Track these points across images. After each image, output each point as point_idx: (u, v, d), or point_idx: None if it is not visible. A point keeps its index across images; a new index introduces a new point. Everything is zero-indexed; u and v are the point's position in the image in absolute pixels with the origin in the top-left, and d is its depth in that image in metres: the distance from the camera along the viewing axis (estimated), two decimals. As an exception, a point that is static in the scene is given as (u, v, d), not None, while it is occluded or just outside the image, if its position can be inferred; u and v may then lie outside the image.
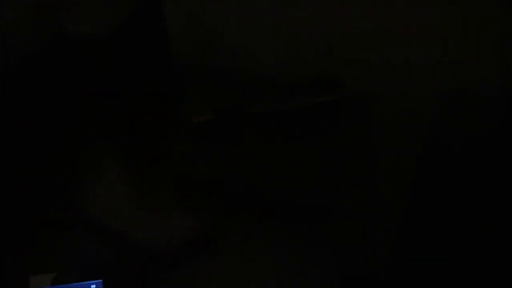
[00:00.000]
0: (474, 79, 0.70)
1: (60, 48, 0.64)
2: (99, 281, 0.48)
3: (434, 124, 0.64)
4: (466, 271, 0.52)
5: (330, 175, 0.61)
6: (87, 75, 0.67)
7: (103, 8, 0.64)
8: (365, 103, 0.68)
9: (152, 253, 0.53)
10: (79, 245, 0.54)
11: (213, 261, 0.53)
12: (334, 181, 0.60)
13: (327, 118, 0.65)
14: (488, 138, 0.63)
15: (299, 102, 0.62)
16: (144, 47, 0.68)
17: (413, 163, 0.61)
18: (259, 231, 0.56)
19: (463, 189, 0.58)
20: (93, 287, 0.48)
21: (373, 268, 0.54)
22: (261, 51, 0.72)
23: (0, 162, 0.61)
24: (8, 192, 0.59)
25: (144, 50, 0.68)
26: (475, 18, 0.68)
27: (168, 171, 0.62)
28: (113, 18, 0.64)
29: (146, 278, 0.51)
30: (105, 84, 0.68)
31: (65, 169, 0.63)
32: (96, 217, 0.56)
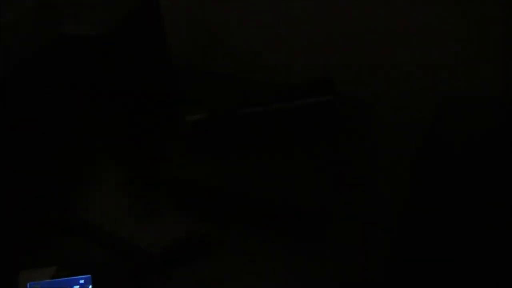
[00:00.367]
0: (474, 79, 0.70)
1: (59, 48, 0.65)
2: (88, 276, 0.48)
3: (432, 124, 0.64)
4: (466, 271, 0.51)
5: (325, 175, 0.61)
6: (84, 75, 0.67)
7: (101, 8, 0.64)
8: (361, 104, 0.68)
9: (145, 253, 0.53)
10: (70, 243, 0.54)
11: (209, 263, 0.53)
12: (330, 182, 0.60)
13: (322, 118, 0.64)
14: (488, 139, 0.62)
15: (293, 102, 0.62)
16: (142, 47, 0.68)
17: (412, 164, 0.61)
18: (254, 232, 0.56)
19: (463, 189, 0.58)
20: (81, 282, 0.48)
21: (373, 270, 0.53)
22: (256, 53, 0.72)
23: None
24: (5, 190, 0.59)
25: (142, 50, 0.68)
26: (476, 18, 0.68)
27: (162, 171, 0.63)
28: (112, 19, 0.65)
29: (137, 277, 0.51)
30: (103, 84, 0.68)
31: (61, 169, 0.63)
32: (90, 217, 0.57)
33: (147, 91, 0.69)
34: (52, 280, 0.47)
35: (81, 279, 0.48)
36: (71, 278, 0.48)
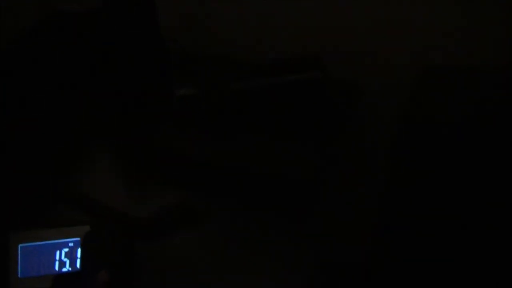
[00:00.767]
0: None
1: (51, 26, 0.66)
2: (77, 239, 0.49)
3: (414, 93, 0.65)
4: (450, 250, 0.52)
5: (314, 151, 0.62)
6: (75, 53, 0.68)
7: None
8: (349, 83, 0.69)
9: (133, 219, 0.54)
10: (61, 209, 0.55)
11: (195, 233, 0.54)
12: (318, 157, 0.61)
13: (310, 95, 0.65)
14: (481, 121, 0.63)
15: (280, 79, 0.63)
16: (134, 25, 0.69)
17: (398, 145, 0.62)
18: (241, 205, 0.57)
19: (447, 162, 0.58)
20: (70, 245, 0.49)
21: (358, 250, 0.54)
22: (245, 32, 0.73)
23: None
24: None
25: (133, 28, 0.69)
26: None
27: (154, 145, 0.64)
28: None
29: (124, 242, 0.52)
30: (94, 63, 0.69)
31: (56, 143, 0.64)
32: (82, 187, 0.58)
33: (139, 67, 0.70)
34: (42, 243, 0.49)
35: (70, 242, 0.49)
36: (60, 240, 0.49)
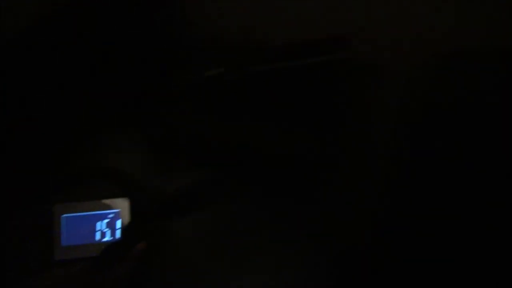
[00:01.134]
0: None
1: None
2: (117, 210, 0.52)
3: (443, 90, 0.66)
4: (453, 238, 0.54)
5: (333, 133, 0.63)
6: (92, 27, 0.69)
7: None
8: (374, 64, 0.70)
9: (165, 196, 0.56)
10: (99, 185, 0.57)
11: (220, 211, 0.57)
12: (338, 140, 0.63)
13: (336, 76, 0.67)
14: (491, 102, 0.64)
15: (306, 60, 0.64)
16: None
17: (419, 127, 0.63)
18: (260, 188, 0.59)
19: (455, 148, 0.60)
20: (111, 216, 0.52)
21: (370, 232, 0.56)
22: (270, 13, 0.74)
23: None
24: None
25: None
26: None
27: (176, 125, 0.65)
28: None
29: (157, 217, 0.55)
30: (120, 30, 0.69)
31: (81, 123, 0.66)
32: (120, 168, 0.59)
33: (162, 45, 0.70)
34: (84, 213, 0.51)
35: (111, 213, 0.52)
36: (101, 212, 0.52)
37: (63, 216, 0.51)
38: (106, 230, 0.51)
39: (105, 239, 0.51)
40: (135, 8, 0.67)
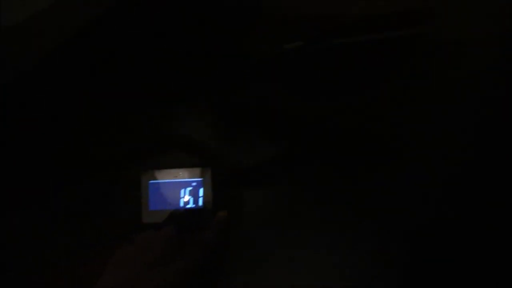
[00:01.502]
0: None
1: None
2: (200, 179, 0.54)
3: None
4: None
5: (408, 110, 0.62)
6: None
7: None
8: (456, 41, 0.67)
9: (239, 167, 0.58)
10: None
11: (289, 184, 0.57)
12: (411, 117, 0.61)
13: (415, 51, 0.65)
14: None
15: (387, 33, 0.63)
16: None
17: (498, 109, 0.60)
18: (334, 159, 0.60)
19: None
20: (194, 184, 0.54)
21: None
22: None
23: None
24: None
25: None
26: None
27: (251, 98, 0.66)
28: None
29: (232, 186, 0.57)
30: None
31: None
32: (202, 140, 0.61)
33: (240, 17, 0.71)
34: (169, 180, 0.54)
35: (194, 181, 0.54)
36: (185, 180, 0.54)
37: (150, 182, 0.54)
38: (189, 197, 0.54)
39: (188, 206, 0.54)
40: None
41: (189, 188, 0.54)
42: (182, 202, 0.54)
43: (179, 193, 0.54)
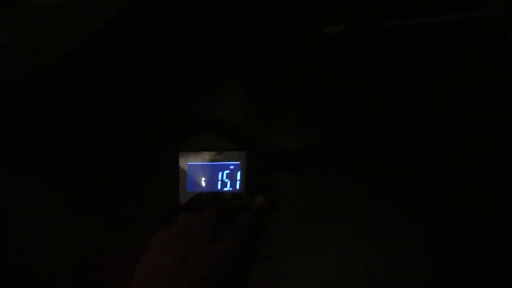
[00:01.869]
0: None
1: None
2: (237, 163, 0.54)
3: None
4: None
5: (456, 95, 0.59)
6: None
7: None
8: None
9: (282, 157, 0.57)
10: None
11: (329, 169, 0.56)
12: (461, 103, 0.59)
13: (464, 37, 0.62)
14: None
15: (435, 17, 0.60)
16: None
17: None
18: (375, 147, 0.58)
19: None
20: (231, 167, 0.54)
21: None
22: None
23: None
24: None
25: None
26: None
27: (290, 82, 0.65)
28: None
29: (272, 170, 0.56)
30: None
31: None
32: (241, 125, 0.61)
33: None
34: (207, 163, 0.54)
35: (232, 165, 0.54)
36: (223, 163, 0.54)
37: (189, 164, 0.54)
38: (226, 180, 0.53)
39: (225, 189, 0.53)
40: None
41: (227, 171, 0.53)
42: (219, 185, 0.53)
43: (217, 175, 0.53)
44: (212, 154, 0.54)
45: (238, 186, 0.53)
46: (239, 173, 0.53)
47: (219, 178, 0.53)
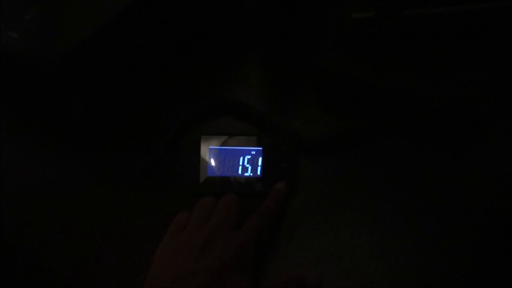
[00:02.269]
0: None
1: None
2: (259, 148, 0.53)
3: None
4: None
5: (488, 85, 0.57)
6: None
7: None
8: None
9: (304, 144, 0.56)
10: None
11: (353, 156, 0.55)
12: (493, 92, 0.57)
13: (501, 25, 0.60)
14: None
15: (469, 5, 0.58)
16: None
17: None
18: (403, 134, 0.57)
19: None
20: (253, 153, 0.53)
21: None
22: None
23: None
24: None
25: None
26: None
27: (319, 66, 0.64)
28: None
29: (292, 156, 0.55)
30: None
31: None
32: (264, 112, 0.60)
33: None
34: (228, 147, 0.53)
35: (253, 150, 0.53)
36: (244, 148, 0.53)
37: (210, 148, 0.53)
38: (248, 165, 0.53)
39: (246, 174, 0.53)
40: None
41: (248, 156, 0.53)
42: (240, 170, 0.53)
43: (238, 160, 0.53)
44: (235, 139, 0.54)
45: (259, 172, 0.53)
46: (260, 159, 0.53)
47: (240, 163, 0.53)
